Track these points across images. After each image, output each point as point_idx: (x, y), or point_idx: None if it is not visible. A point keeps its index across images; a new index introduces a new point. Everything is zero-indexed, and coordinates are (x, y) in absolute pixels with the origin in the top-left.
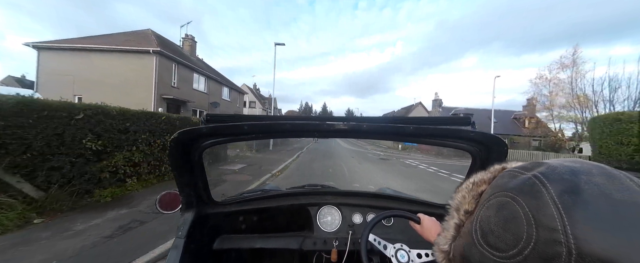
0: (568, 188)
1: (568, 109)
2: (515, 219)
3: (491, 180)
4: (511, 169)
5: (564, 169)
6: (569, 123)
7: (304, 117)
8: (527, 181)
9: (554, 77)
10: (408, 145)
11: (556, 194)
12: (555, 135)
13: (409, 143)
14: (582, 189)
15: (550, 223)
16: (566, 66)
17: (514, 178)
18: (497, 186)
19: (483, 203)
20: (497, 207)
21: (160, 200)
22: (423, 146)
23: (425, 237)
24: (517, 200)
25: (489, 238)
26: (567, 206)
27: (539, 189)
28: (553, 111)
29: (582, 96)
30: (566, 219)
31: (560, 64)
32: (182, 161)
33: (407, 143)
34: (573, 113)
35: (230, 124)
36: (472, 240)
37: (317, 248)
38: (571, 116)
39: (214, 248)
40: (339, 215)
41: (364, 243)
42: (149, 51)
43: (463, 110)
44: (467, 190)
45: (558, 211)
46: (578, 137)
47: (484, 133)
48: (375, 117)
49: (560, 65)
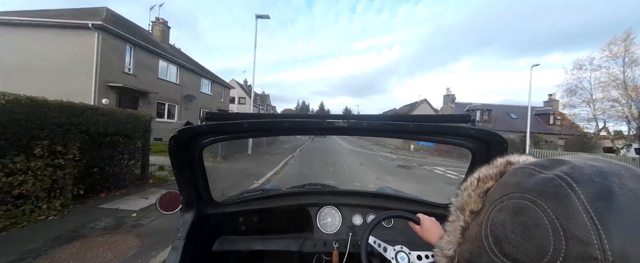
0: (600, 193)
1: (613, 103)
2: (538, 227)
3: (498, 176)
4: (525, 166)
5: (591, 170)
6: (617, 119)
7: (304, 115)
8: (549, 183)
9: (600, 66)
10: (422, 145)
11: (587, 200)
12: (597, 133)
13: (422, 142)
14: (616, 194)
15: (583, 235)
16: (616, 55)
17: (530, 177)
18: (509, 185)
19: (493, 204)
20: (513, 211)
21: (160, 200)
22: (441, 146)
23: (425, 238)
24: (538, 204)
25: (505, 247)
26: (602, 215)
27: (565, 192)
28: (594, 104)
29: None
30: (602, 231)
31: (609, 52)
32: (182, 158)
33: (421, 143)
34: (623, 108)
35: (230, 122)
36: (482, 246)
37: (317, 250)
38: (619, 112)
39: (214, 250)
40: (339, 216)
41: (364, 247)
42: (88, 25)
43: (479, 106)
44: (473, 188)
45: (592, 221)
46: (635, 135)
47: (483, 130)
48: (374, 115)
49: (609, 53)
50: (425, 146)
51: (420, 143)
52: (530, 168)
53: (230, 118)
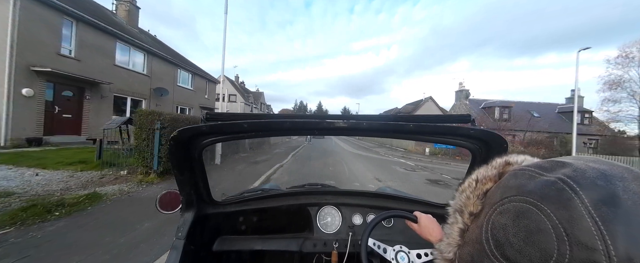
0: (605, 197)
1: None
2: (541, 232)
3: (497, 177)
4: (526, 168)
5: (594, 172)
6: None
7: (304, 115)
8: (552, 186)
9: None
10: (439, 148)
11: (591, 204)
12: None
13: (439, 144)
14: (621, 199)
15: (588, 240)
16: None
17: (531, 180)
18: (510, 188)
19: (493, 207)
20: (514, 214)
21: (160, 199)
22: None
23: (424, 236)
24: (541, 207)
25: (507, 251)
26: (607, 220)
27: (569, 196)
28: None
29: None
30: (608, 237)
31: None
32: (182, 159)
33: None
34: None
35: (230, 123)
36: (483, 249)
37: (317, 250)
38: None
39: (214, 250)
40: (339, 216)
41: (364, 249)
42: None
43: (497, 103)
44: (471, 190)
45: (597, 227)
46: None
47: (483, 130)
48: (374, 115)
49: None
50: (443, 149)
51: (437, 146)
52: (530, 170)
53: (231, 118)
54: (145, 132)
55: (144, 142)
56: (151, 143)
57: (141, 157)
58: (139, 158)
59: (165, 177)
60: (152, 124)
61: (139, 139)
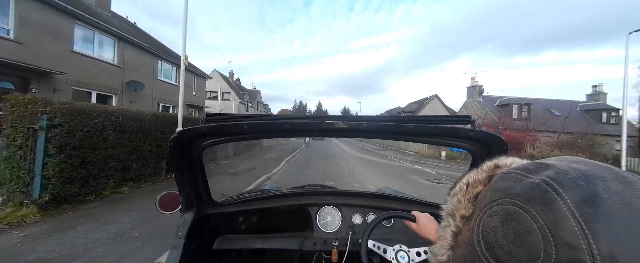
0: (586, 197)
1: None
2: (528, 233)
3: (486, 180)
4: (512, 170)
5: (576, 173)
6: None
7: (304, 116)
8: (536, 188)
9: None
10: (458, 152)
11: (574, 205)
12: None
13: (455, 148)
14: (602, 198)
15: (572, 240)
16: None
17: (518, 182)
18: (498, 191)
19: (483, 209)
20: (503, 217)
21: (160, 200)
22: None
23: (423, 235)
24: (527, 209)
25: (497, 252)
26: (589, 219)
27: (552, 197)
28: None
29: None
30: (590, 236)
31: None
32: (182, 160)
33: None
34: None
35: (230, 124)
36: (474, 252)
37: (317, 249)
38: None
39: (214, 249)
40: (339, 216)
41: (364, 251)
42: None
43: (515, 100)
44: (462, 193)
45: (580, 227)
46: None
47: (483, 132)
48: (374, 116)
49: None
50: (462, 154)
51: (454, 149)
52: (517, 172)
53: (231, 119)
54: (21, 134)
55: (18, 151)
56: (31, 151)
57: (12, 175)
58: (9, 176)
59: (59, 212)
60: (33, 120)
61: (12, 146)
